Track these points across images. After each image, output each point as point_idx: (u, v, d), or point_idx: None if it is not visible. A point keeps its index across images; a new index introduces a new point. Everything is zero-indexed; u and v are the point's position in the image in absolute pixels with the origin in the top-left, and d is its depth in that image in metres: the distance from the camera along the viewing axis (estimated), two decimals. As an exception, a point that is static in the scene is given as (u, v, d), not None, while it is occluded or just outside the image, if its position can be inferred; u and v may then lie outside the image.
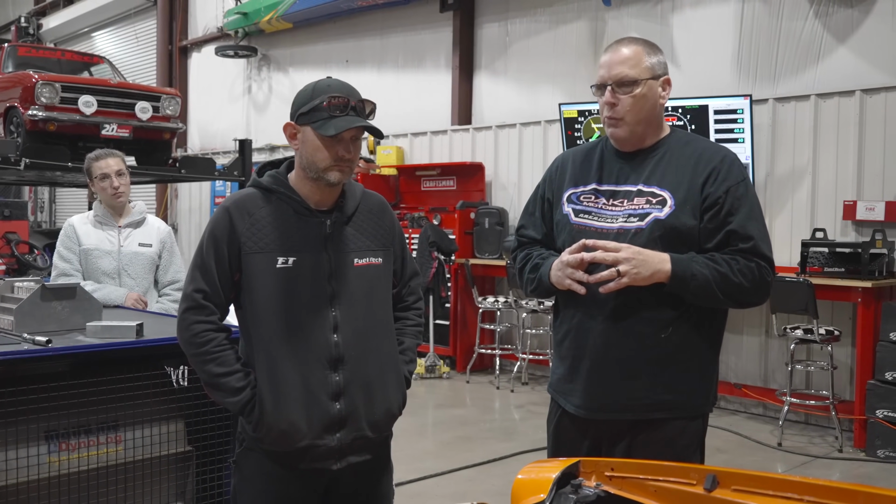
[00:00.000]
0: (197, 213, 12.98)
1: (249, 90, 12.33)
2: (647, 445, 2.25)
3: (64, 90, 7.84)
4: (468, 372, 8.02)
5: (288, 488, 2.22)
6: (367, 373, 2.23)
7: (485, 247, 8.32)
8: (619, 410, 2.31)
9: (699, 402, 2.34)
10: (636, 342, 2.26)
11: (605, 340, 2.29)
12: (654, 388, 2.27)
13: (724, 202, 2.24)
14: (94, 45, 15.38)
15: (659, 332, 2.25)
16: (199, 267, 2.21)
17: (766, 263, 2.26)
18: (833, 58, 6.54)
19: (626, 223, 2.29)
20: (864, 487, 1.58)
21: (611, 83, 2.31)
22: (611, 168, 2.38)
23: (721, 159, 2.30)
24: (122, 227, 3.92)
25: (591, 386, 2.33)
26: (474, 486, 4.89)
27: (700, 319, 2.30)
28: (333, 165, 2.16)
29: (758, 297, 2.31)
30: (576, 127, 7.53)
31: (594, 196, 2.38)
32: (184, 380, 2.74)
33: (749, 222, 2.25)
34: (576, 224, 2.37)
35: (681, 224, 2.25)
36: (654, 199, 2.28)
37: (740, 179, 2.29)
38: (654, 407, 2.28)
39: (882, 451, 5.52)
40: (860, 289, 5.77)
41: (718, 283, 2.21)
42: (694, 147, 2.35)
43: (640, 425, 2.30)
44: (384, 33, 10.15)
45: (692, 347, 2.30)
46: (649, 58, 2.32)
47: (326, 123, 2.12)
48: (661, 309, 2.25)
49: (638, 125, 2.33)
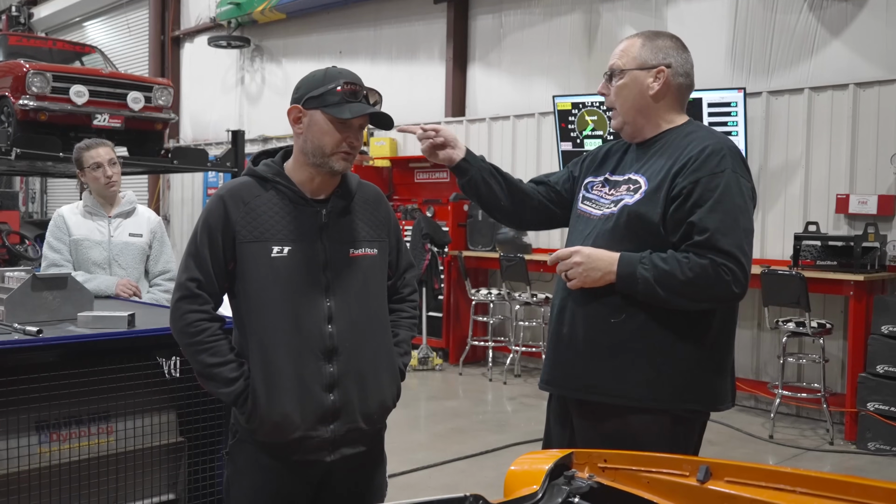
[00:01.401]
0: (189, 204, 12.93)
1: (242, 81, 12.28)
2: (615, 438, 2.15)
3: (55, 80, 7.79)
4: (461, 364, 8.03)
5: (281, 480, 2.22)
6: (361, 364, 2.22)
7: (478, 239, 8.32)
8: (560, 385, 2.36)
9: (659, 397, 2.20)
10: (586, 322, 2.27)
11: (562, 319, 2.33)
12: (604, 372, 2.23)
13: (692, 193, 2.15)
14: (86, 34, 15.28)
15: (609, 317, 2.23)
16: (193, 255, 2.19)
17: (725, 258, 2.10)
18: (827, 51, 6.55)
19: (606, 209, 2.32)
20: (855, 479, 1.58)
21: (605, 74, 2.38)
22: (625, 160, 2.41)
23: (701, 150, 2.20)
24: (112, 217, 3.90)
25: (549, 361, 2.40)
26: (467, 478, 4.89)
27: (664, 312, 2.19)
28: (339, 151, 2.15)
29: (716, 296, 2.16)
30: (569, 119, 7.52)
31: (602, 185, 2.42)
32: (175, 370, 2.73)
33: (711, 214, 2.12)
34: (578, 210, 2.44)
35: (645, 211, 2.21)
36: (633, 185, 2.29)
37: (718, 171, 2.16)
38: (594, 389, 2.25)
39: (873, 444, 5.55)
40: (852, 282, 5.79)
41: (662, 283, 2.12)
42: (690, 138, 2.28)
43: (603, 411, 2.25)
44: (378, 24, 10.12)
45: (651, 337, 2.20)
46: (642, 49, 2.31)
47: (341, 107, 2.11)
48: (614, 294, 2.23)
49: (627, 114, 2.34)
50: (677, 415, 2.25)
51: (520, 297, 7.68)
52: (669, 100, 2.33)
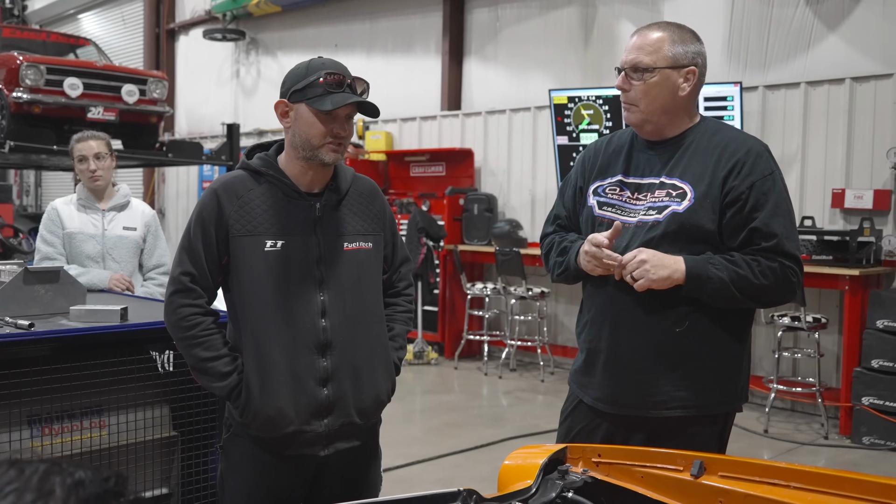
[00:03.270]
0: (184, 198, 12.90)
1: (237, 74, 12.24)
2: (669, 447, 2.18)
3: (49, 72, 7.75)
4: (456, 358, 8.03)
5: (275, 474, 2.21)
6: (355, 359, 2.21)
7: (473, 233, 8.31)
8: (635, 407, 2.25)
9: (720, 400, 2.24)
10: (650, 337, 2.21)
11: (619, 335, 2.25)
12: (668, 384, 2.20)
13: (748, 198, 2.13)
14: (81, 27, 15.21)
15: (674, 327, 2.19)
16: (187, 249, 2.18)
17: (792, 262, 2.15)
18: (823, 46, 6.54)
19: (645, 216, 2.22)
20: (849, 474, 1.58)
21: (626, 67, 2.25)
22: (638, 160, 2.32)
23: (746, 151, 2.18)
24: (105, 210, 3.88)
25: (607, 381, 2.29)
26: (461, 472, 4.89)
27: (721, 314, 2.20)
28: (327, 143, 2.13)
29: (782, 297, 2.24)
30: (565, 113, 7.50)
31: (619, 188, 2.32)
32: (169, 364, 2.72)
33: (773, 219, 2.14)
34: (598, 216, 2.32)
35: (699, 218, 2.16)
36: (675, 191, 2.20)
37: (767, 173, 2.17)
38: (667, 404, 2.21)
39: (867, 438, 5.56)
40: (848, 277, 5.79)
41: (737, 285, 2.12)
42: (720, 137, 2.24)
43: (656, 422, 2.24)
44: (374, 17, 10.09)
45: (713, 342, 2.21)
46: (673, 46, 2.21)
47: (323, 99, 2.09)
48: (676, 303, 2.18)
49: (652, 114, 2.24)
50: (728, 415, 2.30)
51: (515, 291, 7.67)
52: (694, 99, 2.30)
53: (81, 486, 0.74)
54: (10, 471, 0.74)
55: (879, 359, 5.56)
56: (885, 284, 6.08)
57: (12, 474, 0.73)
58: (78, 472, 0.75)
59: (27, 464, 0.74)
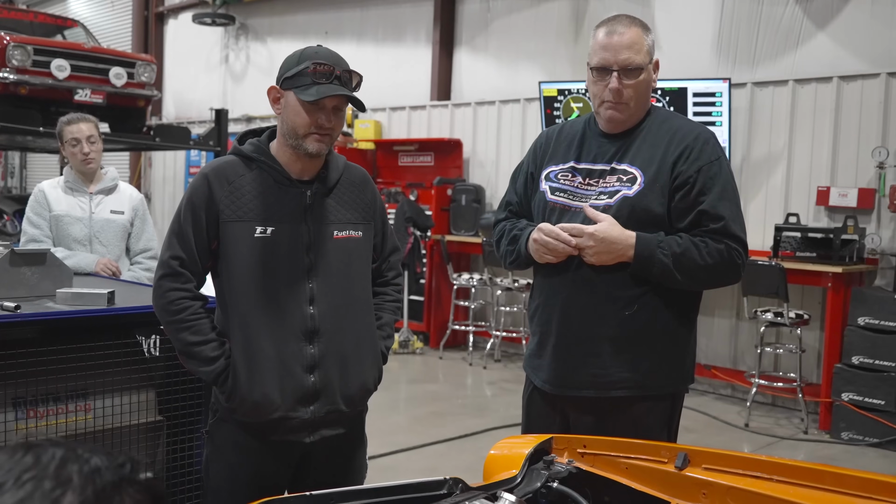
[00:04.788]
0: (171, 183, 12.83)
1: (227, 59, 12.16)
2: (615, 428, 2.19)
3: (36, 53, 7.67)
4: (441, 348, 8.05)
5: (260, 460, 2.22)
6: (342, 346, 2.22)
7: (461, 223, 8.32)
8: (581, 387, 2.30)
9: (666, 381, 2.30)
10: (599, 319, 2.25)
11: (569, 316, 2.29)
12: (617, 365, 2.25)
13: (696, 181, 2.21)
14: (68, 8, 15.05)
15: (623, 310, 2.24)
16: (177, 234, 2.18)
17: (737, 244, 2.22)
18: (812, 44, 6.57)
19: (596, 201, 2.27)
20: (828, 468, 1.60)
21: (617, 69, 2.25)
22: (590, 147, 2.36)
23: (695, 137, 2.26)
24: (93, 193, 3.86)
25: (556, 362, 2.33)
26: (446, 461, 4.91)
27: (671, 298, 2.26)
28: (312, 133, 2.12)
29: (727, 279, 2.29)
30: (555, 106, 7.51)
31: (571, 174, 2.36)
32: (155, 349, 2.71)
33: (721, 202, 2.21)
34: (551, 202, 2.37)
35: (649, 202, 2.22)
36: (626, 176, 2.26)
37: (714, 158, 2.24)
38: (615, 385, 2.26)
39: (846, 434, 5.63)
40: (831, 274, 5.84)
41: (682, 266, 2.18)
42: (670, 125, 2.31)
43: (605, 403, 2.28)
44: (364, 5, 10.05)
45: (661, 326, 2.27)
46: (647, 41, 2.28)
47: (308, 89, 2.09)
48: (625, 286, 2.23)
49: (639, 110, 2.32)
50: (676, 395, 2.34)
51: (501, 282, 7.69)
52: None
53: (98, 474, 0.74)
54: (27, 457, 0.74)
55: (860, 355, 5.62)
56: (867, 282, 6.14)
57: (29, 461, 0.73)
58: (94, 459, 0.75)
59: (43, 449, 0.75)
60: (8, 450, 0.75)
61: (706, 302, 6.71)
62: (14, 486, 0.71)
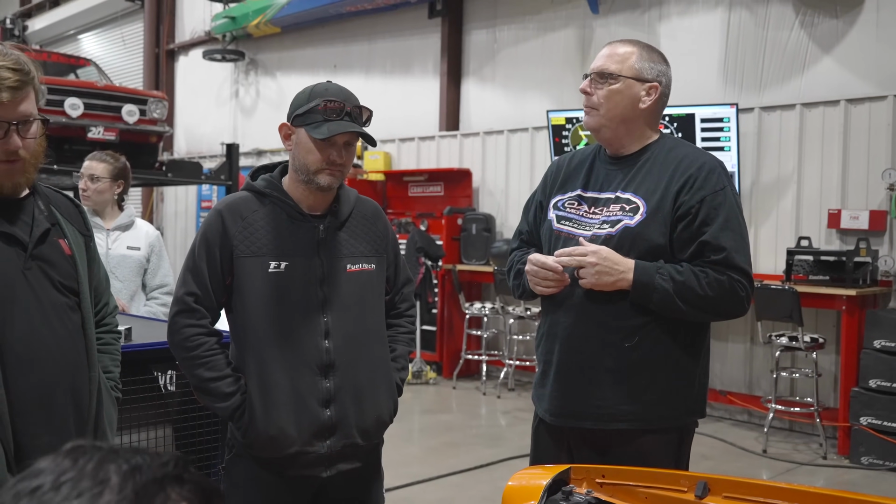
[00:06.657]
0: (183, 217, 12.92)
1: (237, 94, 12.30)
2: (619, 462, 2.13)
3: (50, 92, 7.77)
4: (455, 378, 8.02)
5: (277, 495, 2.21)
6: (357, 379, 2.23)
7: (472, 253, 8.33)
8: (583, 418, 2.27)
9: (671, 414, 2.25)
10: (599, 350, 2.23)
11: (570, 347, 2.28)
12: (618, 397, 2.21)
13: (699, 212, 2.18)
14: (81, 47, 15.29)
15: (623, 341, 2.21)
16: (191, 270, 2.20)
17: (740, 276, 2.17)
18: (818, 68, 6.60)
19: (598, 230, 2.27)
20: (849, 494, 1.59)
21: (591, 73, 2.32)
22: (597, 174, 2.37)
23: (699, 167, 2.23)
24: (110, 230, 3.90)
25: (558, 392, 2.31)
26: (461, 492, 4.88)
27: (674, 329, 2.23)
28: (324, 169, 2.15)
29: (731, 311, 2.24)
30: (563, 134, 7.56)
31: (577, 202, 2.37)
32: (172, 384, 2.72)
33: (723, 233, 2.17)
34: (556, 230, 2.37)
35: (650, 233, 2.20)
36: (629, 206, 2.25)
37: (718, 188, 2.20)
38: (616, 417, 2.22)
39: (866, 458, 5.56)
40: (844, 297, 5.81)
41: (682, 294, 2.15)
42: (676, 153, 2.30)
43: (607, 436, 2.25)
44: (372, 38, 10.16)
45: (663, 357, 2.23)
46: (640, 61, 2.29)
47: (319, 126, 2.12)
48: (626, 317, 2.21)
49: (612, 120, 2.29)
50: (683, 428, 2.29)
51: (513, 310, 7.68)
52: (654, 115, 2.35)
53: (138, 472, 0.73)
54: (66, 461, 0.73)
55: (877, 379, 5.58)
56: (881, 304, 6.11)
57: (67, 464, 0.73)
58: (135, 458, 0.74)
59: (83, 453, 0.74)
60: (52, 455, 0.75)
61: (720, 327, 6.73)
62: (52, 489, 0.71)
